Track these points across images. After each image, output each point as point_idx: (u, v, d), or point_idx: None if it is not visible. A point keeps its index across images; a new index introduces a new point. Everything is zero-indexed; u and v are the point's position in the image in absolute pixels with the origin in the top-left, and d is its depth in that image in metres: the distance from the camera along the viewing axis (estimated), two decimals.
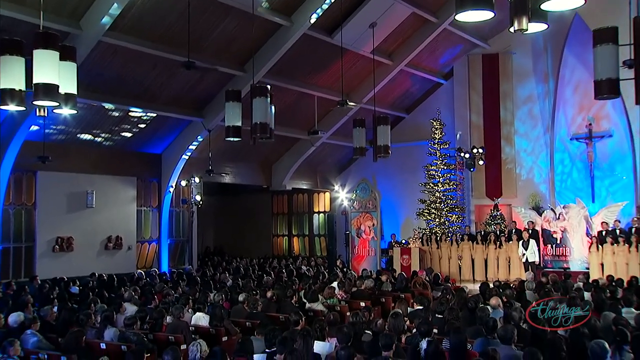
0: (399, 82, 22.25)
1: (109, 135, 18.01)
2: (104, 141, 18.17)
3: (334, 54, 18.50)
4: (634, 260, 16.45)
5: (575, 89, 21.12)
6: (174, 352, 5.75)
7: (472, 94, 22.75)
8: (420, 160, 22.87)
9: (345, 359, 5.46)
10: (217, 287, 12.42)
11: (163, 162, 19.70)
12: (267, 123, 13.51)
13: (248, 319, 9.72)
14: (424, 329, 6.61)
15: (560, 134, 21.32)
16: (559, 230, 18.75)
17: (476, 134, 22.49)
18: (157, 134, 18.76)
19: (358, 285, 12.84)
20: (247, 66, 17.21)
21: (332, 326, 7.60)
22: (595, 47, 9.85)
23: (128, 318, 8.19)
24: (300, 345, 6.24)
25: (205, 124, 18.32)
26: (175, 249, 20.42)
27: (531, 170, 22.06)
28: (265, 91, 13.47)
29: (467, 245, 19.06)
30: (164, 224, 19.85)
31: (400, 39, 19.98)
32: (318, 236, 26.06)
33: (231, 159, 21.48)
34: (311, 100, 20.16)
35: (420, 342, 5.87)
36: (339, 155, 25.04)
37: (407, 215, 23.88)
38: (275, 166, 23.76)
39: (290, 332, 6.66)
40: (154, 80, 16.49)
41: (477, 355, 6.24)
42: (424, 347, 5.70)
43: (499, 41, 22.43)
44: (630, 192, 19.83)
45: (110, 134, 18.00)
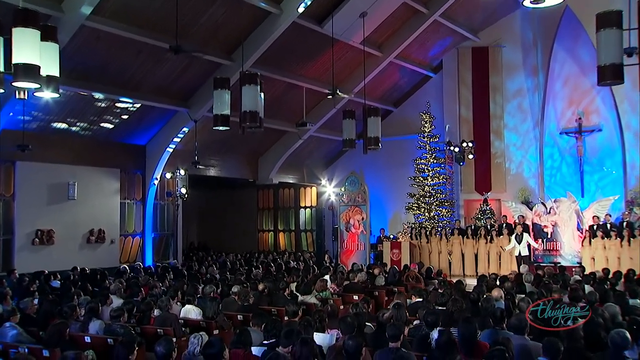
0: (388, 75, 21.94)
1: (92, 125, 17.46)
2: (86, 131, 17.61)
3: (323, 44, 18.17)
4: (625, 254, 16.31)
5: (564, 83, 20.98)
6: (167, 343, 5.35)
7: (461, 87, 22.51)
8: (408, 154, 22.58)
9: (354, 349, 5.09)
10: (206, 280, 11.97)
11: (147, 154, 19.18)
12: (257, 112, 13.14)
13: (239, 312, 9.32)
14: (431, 319, 6.28)
15: (550, 128, 21.17)
16: (550, 225, 18.60)
17: (465, 127, 22.26)
18: (142, 125, 18.25)
19: (351, 279, 12.49)
20: (235, 55, 16.81)
21: (332, 318, 7.25)
22: (598, 32, 9.56)
23: (115, 310, 7.75)
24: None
25: (191, 115, 17.85)
26: (159, 243, 19.91)
27: (520, 164, 21.88)
28: (255, 78, 13.04)
29: (458, 240, 18.80)
30: (148, 217, 19.33)
31: (390, 30, 19.65)
32: (304, 231, 25.64)
33: (217, 151, 21.03)
34: (299, 91, 19.76)
35: (431, 332, 5.53)
36: (326, 149, 24.68)
37: (395, 210, 23.62)
38: (262, 159, 23.34)
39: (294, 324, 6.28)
40: (138, 68, 15.99)
41: (487, 346, 5.92)
42: (435, 338, 5.37)
43: (488, 34, 22.24)
44: (619, 186, 19.72)
45: (93, 124, 17.45)
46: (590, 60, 19.98)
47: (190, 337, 6.20)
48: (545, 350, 5.07)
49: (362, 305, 7.57)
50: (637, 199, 19.26)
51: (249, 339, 5.95)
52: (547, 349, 5.05)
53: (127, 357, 5.38)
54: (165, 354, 5.27)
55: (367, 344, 6.14)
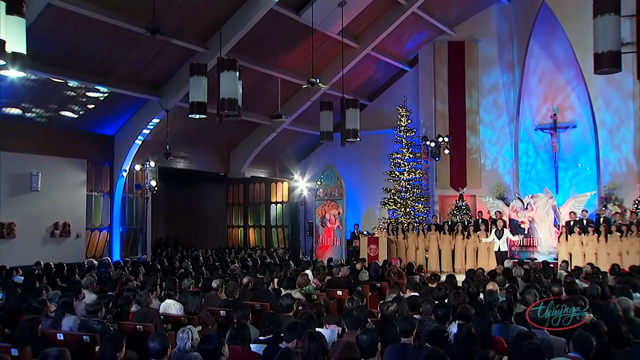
0: (364, 68, 21.57)
1: (58, 112, 16.57)
2: (51, 119, 16.67)
3: (300, 34, 17.74)
4: (602, 250, 16.24)
5: (540, 79, 20.94)
6: (161, 338, 4.81)
7: (437, 82, 22.30)
8: (383, 149, 22.31)
9: (369, 344, 4.63)
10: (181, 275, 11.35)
11: (116, 144, 18.37)
12: (236, 99, 12.60)
13: (222, 307, 8.78)
14: (442, 313, 5.87)
15: (525, 124, 21.11)
16: (527, 221, 18.47)
17: (441, 122, 22.06)
18: (111, 113, 17.45)
19: (335, 273, 12.04)
20: (210, 42, 16.23)
21: (328, 312, 6.78)
22: (595, 18, 9.31)
23: (91, 304, 7.12)
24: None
25: (163, 104, 17.14)
26: (127, 237, 19.11)
27: (496, 160, 21.78)
28: (234, 64, 12.54)
29: (434, 236, 18.51)
30: (116, 210, 18.53)
31: (368, 21, 19.29)
32: (275, 227, 25.10)
33: (188, 143, 20.33)
34: (274, 82, 19.24)
35: (448, 326, 5.13)
36: (299, 142, 24.21)
37: (369, 206, 23.31)
38: (234, 152, 22.72)
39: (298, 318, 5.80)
40: (109, 54, 15.26)
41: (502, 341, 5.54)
42: (454, 332, 4.96)
43: (464, 29, 22.09)
44: (592, 183, 19.77)
45: (59, 111, 16.56)
46: (565, 56, 20.03)
47: (179, 333, 5.63)
48: (576, 345, 4.70)
49: (357, 299, 7.11)
50: (610, 196, 19.35)
51: (248, 334, 5.44)
52: (579, 344, 4.69)
53: (114, 356, 4.82)
54: (160, 350, 4.73)
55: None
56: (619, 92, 19.68)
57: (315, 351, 4.67)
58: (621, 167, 19.66)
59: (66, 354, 4.58)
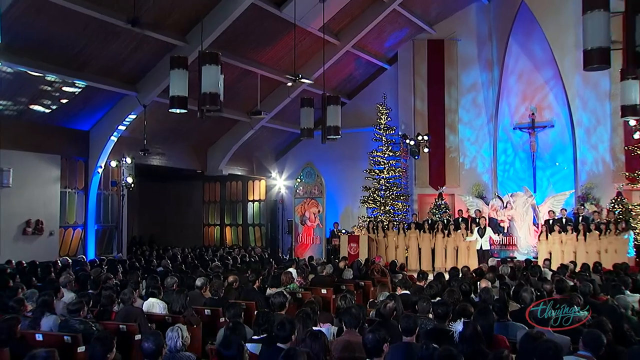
0: (343, 65, 21.38)
1: (30, 106, 16.04)
2: (23, 113, 16.11)
3: (281, 29, 17.49)
4: (581, 248, 16.34)
5: (518, 78, 21.00)
6: (156, 337, 4.55)
7: (416, 80, 22.23)
8: (361, 147, 22.19)
9: (374, 343, 4.43)
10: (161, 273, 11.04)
11: (91, 140, 17.86)
12: (218, 94, 12.33)
13: (207, 306, 8.52)
14: (442, 311, 5.70)
15: (504, 123, 21.14)
16: (507, 219, 18.51)
17: (420, 121, 22.00)
18: (86, 108, 16.95)
19: (319, 272, 11.83)
20: (189, 37, 15.89)
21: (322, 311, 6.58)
22: (584, 14, 9.24)
23: (73, 303, 6.79)
24: (299, 330, 5.20)
25: (140, 99, 16.73)
26: (102, 235, 18.62)
27: (474, 159, 21.77)
28: (216, 58, 12.27)
29: (414, 234, 18.43)
30: (90, 207, 18.02)
31: (349, 18, 19.10)
32: (252, 226, 24.88)
33: (164, 140, 19.90)
34: (254, 78, 18.94)
35: (454, 324, 4.96)
36: (277, 140, 23.96)
37: (347, 204, 23.14)
38: (211, 150, 22.32)
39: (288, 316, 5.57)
40: (84, 46, 14.79)
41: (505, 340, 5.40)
42: (459, 330, 4.80)
43: (444, 27, 22.05)
44: (570, 182, 19.88)
45: (32, 105, 16.03)
46: (544, 56, 20.12)
47: (168, 332, 5.38)
48: (586, 343, 4.56)
49: (349, 297, 6.91)
50: (588, 195, 19.49)
51: (244, 334, 5.20)
52: (589, 342, 4.56)
53: (104, 356, 4.54)
54: (155, 350, 4.47)
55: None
56: (595, 93, 19.85)
57: (318, 351, 4.45)
58: (598, 166, 19.82)
59: (55, 354, 4.30)
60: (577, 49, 19.94)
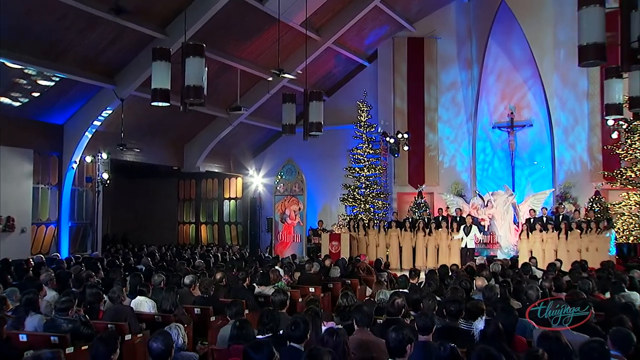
0: (323, 62, 21.13)
1: (2, 98, 15.44)
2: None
3: (262, 24, 17.19)
4: (562, 247, 16.35)
5: (498, 77, 21.01)
6: (165, 337, 4.24)
7: (396, 78, 22.11)
8: (340, 145, 22.04)
9: (398, 342, 4.20)
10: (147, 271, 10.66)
11: (65, 134, 17.26)
12: (202, 86, 12.01)
13: (197, 305, 8.21)
14: (455, 308, 5.50)
15: (483, 122, 21.14)
16: (487, 218, 18.48)
17: (400, 119, 21.88)
18: (60, 101, 16.38)
19: (307, 269, 11.58)
20: (170, 29, 15.48)
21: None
22: (580, 10, 9.16)
23: (62, 301, 6.41)
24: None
25: (118, 92, 16.23)
26: (76, 233, 18.03)
27: (454, 158, 21.74)
28: (200, 50, 11.95)
29: (396, 233, 18.26)
30: (64, 204, 17.42)
31: (331, 13, 18.89)
32: (228, 224, 24.52)
33: (140, 135, 19.36)
34: (233, 73, 18.58)
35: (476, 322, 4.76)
36: (255, 137, 23.60)
37: (326, 202, 22.92)
38: (188, 146, 21.87)
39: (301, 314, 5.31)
40: (61, 36, 14.26)
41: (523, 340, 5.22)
42: (480, 328, 4.60)
43: (424, 25, 21.99)
44: (548, 181, 19.98)
45: (3, 97, 15.43)
46: (523, 55, 20.18)
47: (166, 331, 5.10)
48: (615, 342, 4.39)
49: (351, 295, 6.68)
50: (566, 194, 19.61)
51: (252, 333, 4.93)
52: (618, 341, 4.38)
53: (108, 358, 4.22)
54: (164, 350, 4.16)
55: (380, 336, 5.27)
56: (574, 93, 20.01)
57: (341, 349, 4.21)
58: (576, 166, 19.98)
59: (60, 355, 3.99)
60: (555, 48, 20.20)
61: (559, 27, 20.08)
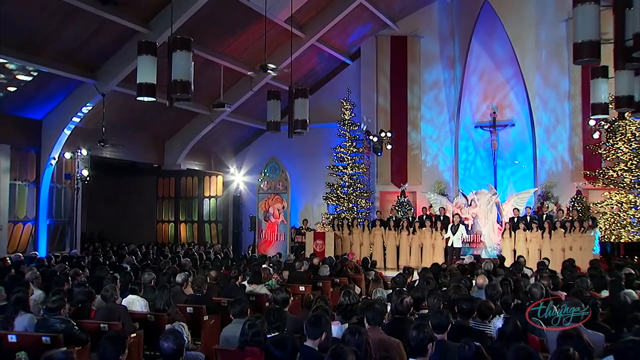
0: (306, 59, 20.96)
1: None
2: None
3: (247, 19, 16.98)
4: (546, 246, 16.46)
5: (480, 77, 21.04)
6: (175, 336, 4.04)
7: (379, 76, 22.05)
8: (323, 144, 21.88)
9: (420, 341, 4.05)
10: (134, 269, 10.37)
11: (44, 130, 16.80)
12: (189, 81, 11.76)
13: (190, 304, 7.99)
14: (467, 307, 5.38)
15: (465, 121, 21.15)
16: (471, 217, 18.48)
17: (383, 117, 21.82)
18: (39, 95, 15.95)
19: (297, 267, 11.41)
20: (153, 23, 15.19)
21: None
22: (575, 7, 9.11)
23: (53, 300, 6.14)
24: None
25: (99, 87, 15.85)
26: (55, 231, 17.57)
27: (436, 157, 21.73)
28: (188, 44, 11.68)
29: (380, 232, 18.20)
30: (42, 201, 16.95)
31: (315, 10, 18.74)
32: (208, 222, 24.15)
33: (120, 132, 18.97)
34: (216, 70, 18.30)
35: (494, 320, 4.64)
36: (237, 134, 23.35)
37: (308, 201, 22.76)
38: (169, 143, 21.51)
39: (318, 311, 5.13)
40: (41, 28, 13.86)
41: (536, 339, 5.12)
42: (498, 327, 4.48)
43: (407, 24, 21.94)
44: (530, 181, 20.07)
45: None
46: (505, 55, 20.25)
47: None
48: None
49: (353, 293, 6.53)
50: (547, 194, 19.74)
51: (264, 330, 4.74)
52: None
53: (117, 358, 4.01)
54: (176, 350, 3.98)
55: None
56: (555, 93, 20.16)
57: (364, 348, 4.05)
58: (557, 165, 20.12)
59: (73, 355, 3.77)
60: (537, 48, 20.33)
61: (541, 28, 20.23)
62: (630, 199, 17.20)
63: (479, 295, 7.32)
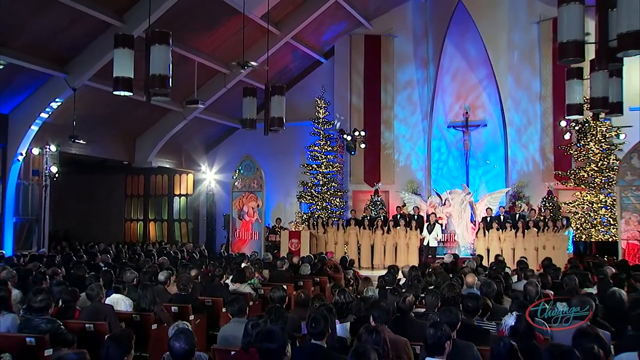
0: (280, 57, 20.73)
1: None
2: None
3: (222, 15, 16.72)
4: (519, 245, 16.63)
5: (453, 77, 21.17)
6: (187, 336, 3.86)
7: (353, 75, 22.01)
8: (296, 142, 21.75)
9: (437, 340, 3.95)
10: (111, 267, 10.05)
11: (10, 124, 16.19)
12: (168, 76, 11.53)
13: (175, 303, 7.77)
14: (473, 305, 5.31)
15: (438, 121, 21.26)
16: (445, 216, 18.57)
17: (356, 116, 21.78)
18: (6, 89, 15.38)
19: (279, 266, 11.24)
20: (127, 16, 14.82)
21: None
22: (560, 7, 9.17)
23: (40, 299, 5.86)
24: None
25: (70, 82, 15.39)
26: (21, 229, 17.00)
27: (409, 156, 21.76)
28: (166, 37, 11.45)
29: (354, 231, 18.13)
30: (9, 199, 16.34)
31: (291, 7, 18.56)
32: (178, 221, 23.80)
33: (90, 127, 18.41)
34: (190, 66, 17.98)
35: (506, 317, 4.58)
36: (208, 132, 23.02)
37: (280, 200, 22.57)
38: (140, 140, 21.04)
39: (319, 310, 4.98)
40: (9, 18, 13.34)
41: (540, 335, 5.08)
42: (510, 325, 4.42)
43: (381, 23, 21.92)
44: (501, 181, 20.27)
45: None
46: (478, 55, 20.41)
47: (170, 330, 4.73)
48: None
49: (349, 292, 6.42)
50: (519, 193, 19.96)
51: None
52: None
53: (121, 359, 3.80)
54: (188, 350, 3.80)
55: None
56: (527, 94, 20.41)
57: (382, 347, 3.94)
58: (528, 165, 20.38)
59: (86, 356, 3.56)
60: (510, 50, 20.56)
61: (514, 30, 20.47)
62: (601, 199, 17.52)
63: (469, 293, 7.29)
